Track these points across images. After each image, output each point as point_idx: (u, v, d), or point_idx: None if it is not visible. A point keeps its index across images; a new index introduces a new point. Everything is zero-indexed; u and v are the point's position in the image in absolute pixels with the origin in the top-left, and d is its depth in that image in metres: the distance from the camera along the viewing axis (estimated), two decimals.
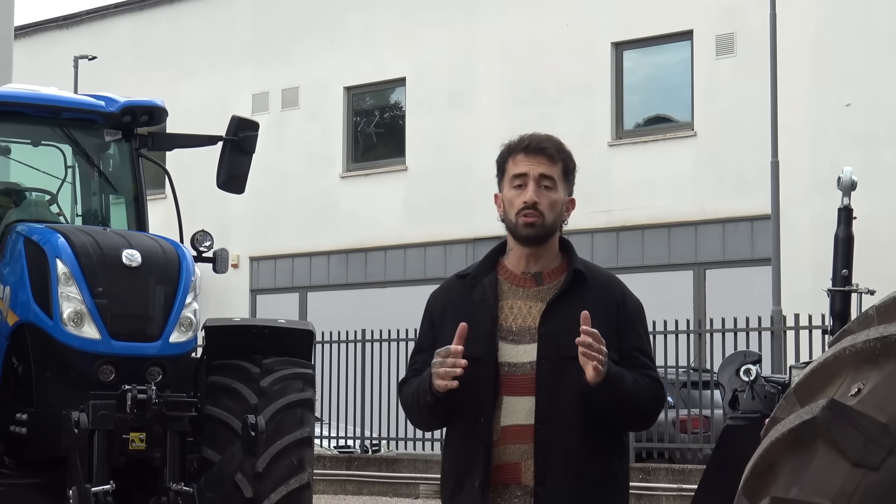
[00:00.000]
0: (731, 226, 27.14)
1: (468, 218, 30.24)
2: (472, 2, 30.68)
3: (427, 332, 4.60)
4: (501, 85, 30.18)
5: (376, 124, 33.24)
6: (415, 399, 4.42)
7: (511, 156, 4.64)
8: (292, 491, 9.10)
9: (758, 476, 4.42)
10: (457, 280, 4.64)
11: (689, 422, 20.39)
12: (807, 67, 25.80)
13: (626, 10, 28.58)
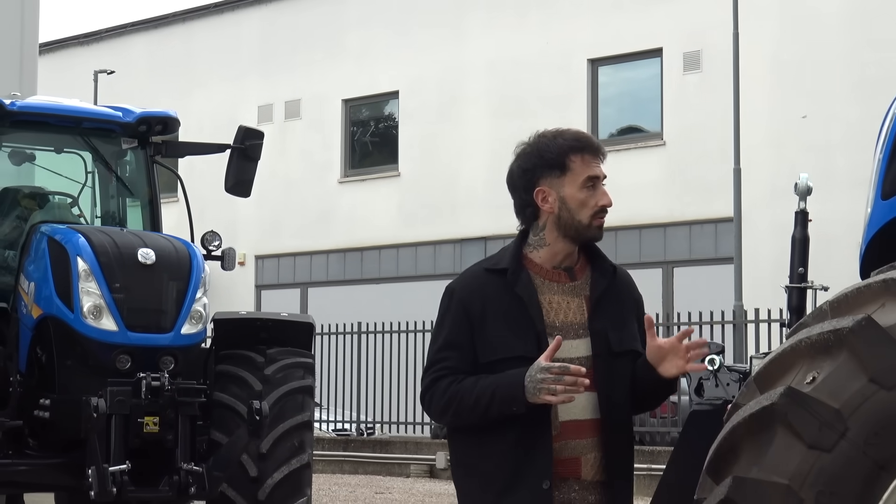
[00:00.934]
0: (697, 227, 27.17)
1: (455, 220, 30.35)
2: (460, 21, 30.68)
3: (462, 327, 4.06)
4: (487, 98, 30.18)
5: (371, 134, 33.23)
6: (477, 402, 3.89)
7: (578, 154, 4.09)
8: (294, 470, 9.09)
9: (721, 457, 4.41)
10: (488, 274, 4.14)
11: (659, 407, 20.40)
12: (767, 83, 25.83)
13: (601, 29, 28.60)
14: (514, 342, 3.93)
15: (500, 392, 3.84)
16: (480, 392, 3.88)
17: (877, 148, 5.26)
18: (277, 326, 9.82)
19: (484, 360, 3.96)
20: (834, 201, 20.05)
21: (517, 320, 3.97)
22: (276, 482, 8.96)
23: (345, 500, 16.50)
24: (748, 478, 4.23)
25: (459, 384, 3.94)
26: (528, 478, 3.88)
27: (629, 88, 28.87)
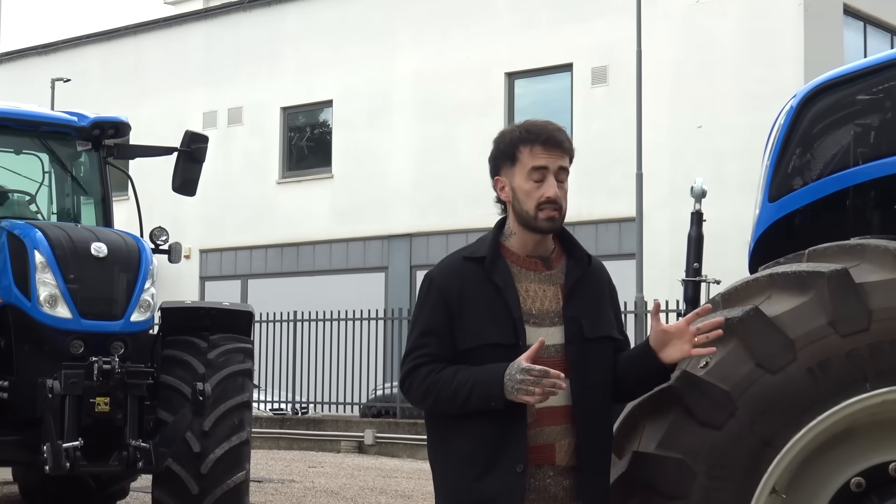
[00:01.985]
0: (603, 226, 27.30)
1: (383, 218, 30.33)
2: (389, 37, 30.64)
3: (441, 314, 3.78)
4: (413, 107, 30.16)
5: (307, 139, 33.10)
6: (455, 394, 3.67)
7: (526, 145, 3.83)
8: (234, 447, 9.06)
9: (623, 435, 4.43)
10: (466, 262, 3.85)
11: None
12: (666, 95, 26.01)
13: (517, 45, 28.67)
14: (491, 329, 3.73)
15: (479, 387, 3.64)
16: (459, 384, 3.67)
17: (764, 156, 5.31)
18: (219, 314, 9.78)
19: (462, 346, 3.75)
20: (726, 203, 20.21)
21: (494, 308, 3.76)
22: (217, 457, 8.92)
23: (280, 474, 16.43)
24: (647, 453, 4.26)
25: (439, 374, 3.71)
26: (503, 462, 3.69)
27: (542, 99, 28.93)
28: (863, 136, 4.99)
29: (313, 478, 16.07)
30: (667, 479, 4.20)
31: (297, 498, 13.67)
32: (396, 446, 20.86)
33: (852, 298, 4.09)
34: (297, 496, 13.83)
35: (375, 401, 22.68)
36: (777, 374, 3.98)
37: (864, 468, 4.35)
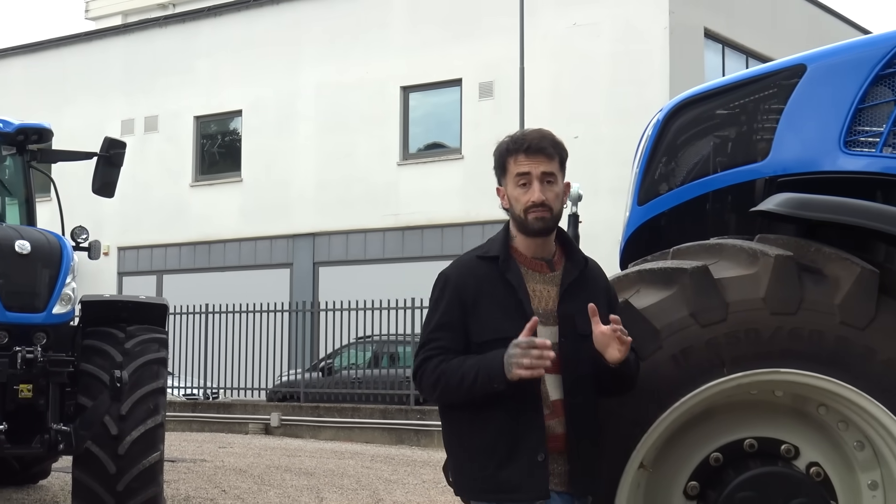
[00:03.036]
0: (489, 227, 27.38)
1: (288, 219, 30.17)
2: (294, 52, 30.49)
3: (456, 310, 3.67)
4: (316, 117, 30.05)
5: (218, 146, 32.81)
6: (462, 380, 3.56)
7: (511, 155, 3.85)
8: (149, 429, 8.96)
9: None
10: (479, 261, 3.78)
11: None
12: (546, 107, 26.18)
13: (411, 62, 28.70)
14: (504, 325, 3.61)
15: (483, 371, 3.54)
16: (465, 371, 3.58)
17: (634, 164, 5.37)
18: (136, 307, 9.66)
19: (477, 340, 3.65)
20: (599, 207, 20.41)
21: (507, 305, 3.67)
22: (133, 439, 8.81)
23: (193, 454, 16.28)
24: None
25: (447, 364, 3.62)
26: (523, 452, 3.59)
27: (434, 111, 28.98)
28: (721, 146, 5.07)
29: (223, 457, 15.95)
30: None
31: (208, 476, 13.56)
32: (300, 428, 20.79)
33: (711, 292, 4.16)
34: (208, 474, 13.71)
35: (281, 386, 22.58)
36: (645, 361, 4.03)
37: (722, 444, 4.43)
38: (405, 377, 20.67)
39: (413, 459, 16.40)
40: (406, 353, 21.27)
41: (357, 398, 21.11)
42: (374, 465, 15.50)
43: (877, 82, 4.73)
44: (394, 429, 19.71)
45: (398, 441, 19.45)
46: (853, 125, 4.72)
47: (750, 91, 5.05)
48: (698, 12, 26.66)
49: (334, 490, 12.57)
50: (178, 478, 13.10)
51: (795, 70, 4.90)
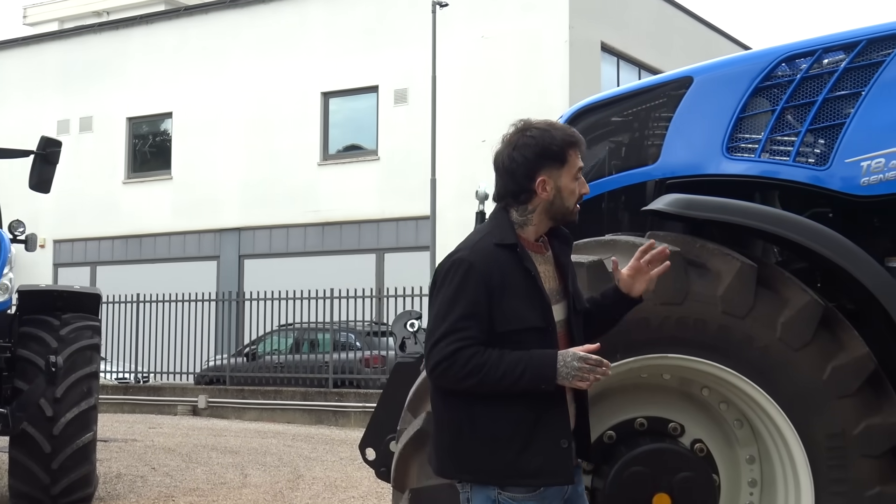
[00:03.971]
0: (402, 223, 27.43)
1: (216, 215, 29.90)
2: (223, 58, 30.19)
3: (483, 297, 3.35)
4: (242, 119, 29.77)
5: (150, 145, 32.36)
6: (504, 377, 3.28)
7: (574, 149, 3.50)
8: (82, 411, 8.86)
9: (419, 397, 4.46)
10: (497, 248, 3.43)
11: (371, 359, 20.55)
12: (456, 113, 26.24)
13: (331, 69, 28.57)
14: (527, 313, 3.38)
15: (532, 371, 3.28)
16: (509, 367, 3.29)
17: None
18: (71, 296, 9.55)
19: (501, 329, 3.35)
20: None
21: (528, 293, 3.41)
22: (67, 420, 8.72)
23: (124, 434, 16.09)
24: None
25: (483, 356, 3.30)
26: (544, 438, 3.37)
27: (352, 116, 28.88)
28: (615, 150, 5.12)
29: (153, 437, 15.80)
30: None
31: (139, 455, 13.42)
32: (226, 409, 20.66)
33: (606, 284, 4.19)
34: (138, 453, 13.57)
35: (208, 371, 22.40)
36: None
37: (615, 423, 4.48)
38: (324, 362, 20.71)
39: (331, 438, 16.37)
40: (325, 340, 21.27)
41: (279, 381, 21.06)
42: (295, 443, 15.45)
43: (756, 94, 4.80)
44: (313, 410, 19.68)
45: (317, 421, 19.41)
46: (735, 133, 4.79)
47: (642, 100, 5.10)
48: (596, 28, 26.89)
49: (258, 467, 12.50)
50: (110, 456, 12.94)
51: (683, 82, 4.96)
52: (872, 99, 4.59)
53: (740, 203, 4.47)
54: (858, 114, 4.60)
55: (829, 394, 4.18)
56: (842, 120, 4.63)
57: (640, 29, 28.65)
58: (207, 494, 10.34)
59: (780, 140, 4.74)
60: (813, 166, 4.66)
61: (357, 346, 20.97)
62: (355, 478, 11.49)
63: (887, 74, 4.59)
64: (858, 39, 4.68)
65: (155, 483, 11.03)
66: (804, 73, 4.73)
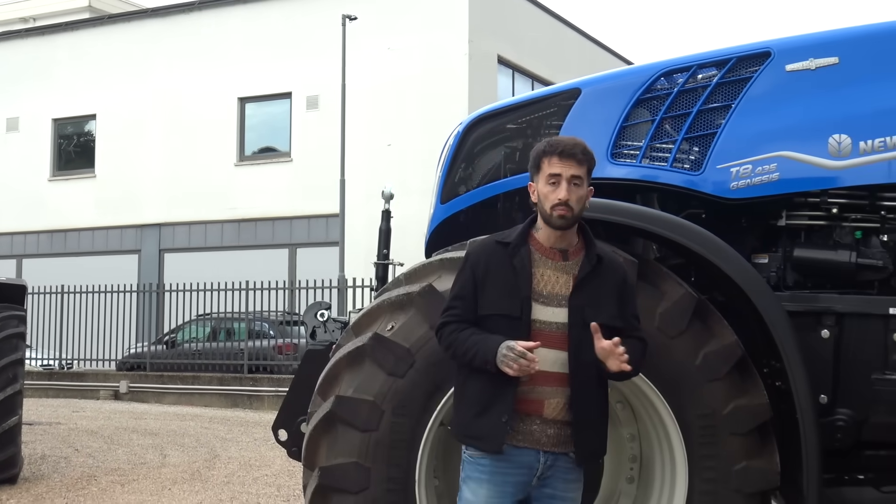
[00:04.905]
0: (314, 220, 27.30)
1: (137, 211, 29.46)
2: (144, 64, 29.69)
3: (469, 283, 3.68)
4: (163, 122, 29.32)
5: (75, 145, 31.69)
6: (466, 353, 3.61)
7: (546, 157, 3.67)
8: (8, 396, 8.67)
9: (328, 382, 4.45)
10: (497, 245, 3.72)
11: (284, 347, 20.45)
12: (365, 118, 26.16)
13: (247, 75, 28.32)
14: (502, 302, 3.62)
15: (481, 352, 3.57)
16: (469, 345, 3.60)
17: (437, 168, 5.41)
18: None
19: (481, 312, 3.65)
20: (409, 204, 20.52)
21: (509, 285, 3.63)
22: None
23: (49, 418, 15.76)
24: (347, 396, 4.28)
25: (459, 333, 3.65)
26: (493, 410, 3.61)
27: (267, 120, 28.65)
28: (510, 155, 5.15)
29: (76, 420, 15.52)
30: (362, 416, 4.24)
31: (63, 437, 13.16)
32: (146, 393, 20.38)
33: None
34: (62, 435, 13.31)
35: (129, 358, 22.09)
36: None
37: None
38: (239, 349, 20.62)
39: (246, 420, 16.25)
40: (240, 329, 21.14)
41: (197, 367, 20.91)
42: (212, 425, 15.29)
43: (637, 105, 4.87)
44: (229, 394, 19.52)
45: (233, 405, 19.24)
46: (618, 140, 4.85)
47: (535, 109, 5.14)
48: (493, 42, 27.04)
49: (176, 448, 12.35)
50: (35, 439, 12.68)
51: (572, 93, 5.01)
52: (741, 111, 4.69)
53: (623, 204, 4.53)
54: (728, 124, 4.69)
55: (701, 377, 4.25)
56: (714, 130, 4.72)
57: (534, 44, 28.88)
58: (128, 474, 10.17)
59: (658, 147, 4.81)
60: (688, 171, 4.73)
61: (270, 334, 20.87)
62: (268, 457, 11.41)
63: (754, 89, 4.69)
64: (729, 57, 4.77)
65: (78, 464, 10.83)
66: (681, 87, 4.81)
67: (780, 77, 4.67)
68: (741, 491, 4.25)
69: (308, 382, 4.80)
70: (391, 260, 6.05)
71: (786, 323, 4.29)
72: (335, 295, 20.56)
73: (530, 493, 3.70)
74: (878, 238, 4.69)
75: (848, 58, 4.63)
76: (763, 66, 4.69)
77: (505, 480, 3.65)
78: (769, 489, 4.33)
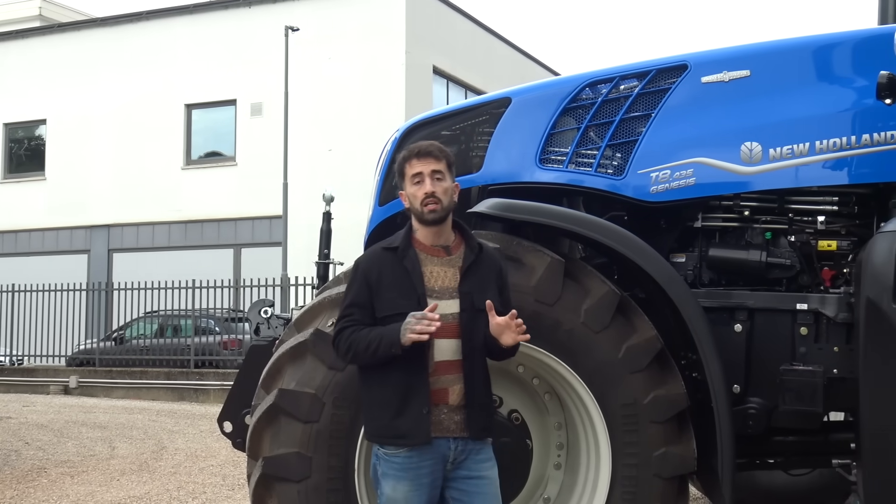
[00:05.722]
0: (258, 221, 27.11)
1: (87, 213, 29.02)
2: (94, 70, 29.26)
3: (363, 290, 3.67)
4: (112, 127, 28.92)
5: (25, 149, 31.11)
6: (368, 346, 3.58)
7: (407, 162, 3.74)
8: None
9: (271, 376, 4.41)
10: (384, 252, 3.72)
11: (229, 342, 20.29)
12: (307, 125, 26.04)
13: (194, 83, 28.05)
14: (400, 302, 3.60)
15: (385, 339, 3.54)
16: (371, 339, 3.57)
17: (376, 172, 5.40)
18: None
19: (379, 315, 3.63)
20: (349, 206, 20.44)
21: (404, 285, 3.64)
22: None
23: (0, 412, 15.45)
24: (289, 389, 4.26)
25: (358, 333, 3.62)
26: (412, 405, 3.59)
27: (213, 126, 28.40)
28: None
29: (27, 414, 15.25)
30: (303, 408, 4.22)
31: (13, 431, 12.91)
32: (95, 388, 20.09)
33: None
34: (13, 429, 13.06)
35: (79, 354, 21.75)
36: None
37: None
38: (186, 345, 20.42)
39: (192, 413, 16.08)
40: (187, 325, 20.94)
41: (145, 363, 20.67)
42: (160, 418, 15.11)
43: (564, 113, 4.90)
44: (176, 388, 19.32)
45: (180, 398, 19.03)
46: (546, 146, 4.87)
47: (468, 117, 5.15)
48: (429, 53, 27.05)
49: (125, 440, 12.18)
50: None
51: (503, 102, 5.03)
52: (660, 120, 4.74)
53: (551, 207, 4.56)
54: (649, 132, 4.74)
55: (624, 369, 4.29)
56: (635, 137, 4.77)
57: (468, 55, 28.96)
58: (77, 466, 10.01)
59: (584, 153, 4.84)
60: (611, 176, 4.77)
61: (216, 330, 20.69)
62: (214, 448, 11.30)
63: (672, 99, 4.75)
64: (649, 69, 4.82)
65: (28, 456, 10.63)
66: (604, 97, 4.84)
67: (697, 88, 4.73)
68: (660, 475, 4.30)
69: (252, 376, 4.76)
70: (332, 259, 6.03)
71: (702, 318, 4.34)
72: (278, 293, 20.43)
73: (446, 476, 3.68)
74: (787, 239, 4.78)
75: (759, 71, 4.70)
76: (681, 78, 4.75)
77: (420, 474, 3.63)
78: (686, 473, 4.38)
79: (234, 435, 5.13)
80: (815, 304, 4.57)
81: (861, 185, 4.63)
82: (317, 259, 6.03)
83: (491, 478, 3.73)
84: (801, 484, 6.25)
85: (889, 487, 3.96)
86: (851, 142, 4.57)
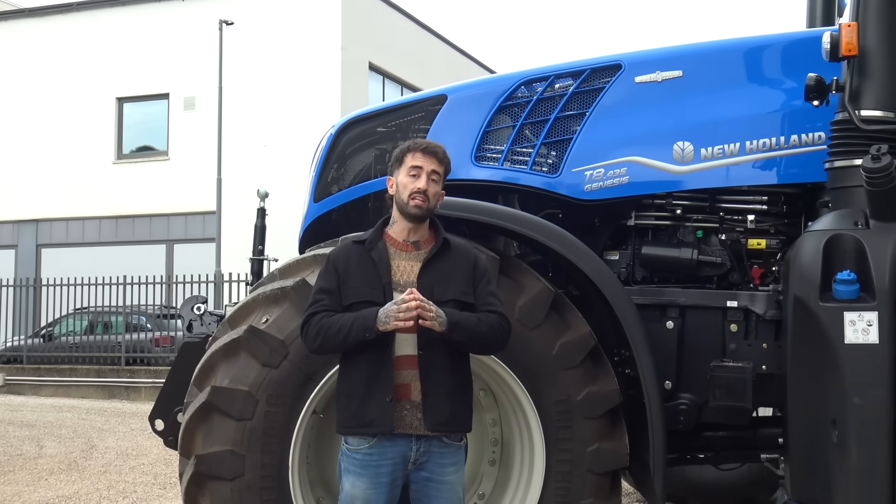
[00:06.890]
0: (192, 217, 26.83)
1: (14, 206, 28.56)
2: (23, 63, 28.74)
3: (332, 278, 3.70)
4: (41, 119, 28.36)
5: None
6: (340, 330, 3.58)
7: (410, 152, 3.75)
8: None
9: (204, 373, 4.37)
10: (354, 244, 3.79)
11: (161, 339, 20.06)
12: (241, 120, 25.78)
13: (126, 76, 27.66)
14: (365, 291, 3.66)
15: (357, 323, 3.56)
16: (342, 323, 3.59)
17: (311, 168, 5.37)
18: None
19: (346, 303, 3.65)
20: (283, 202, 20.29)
21: (370, 276, 3.68)
22: None
23: None
24: (222, 387, 4.22)
25: (328, 318, 3.62)
26: (376, 394, 3.60)
27: (145, 120, 28.02)
28: (380, 156, 5.15)
29: None
30: (237, 406, 4.19)
31: None
32: (23, 386, 19.71)
33: None
34: None
35: (5, 351, 21.30)
36: None
37: None
38: (117, 342, 20.14)
39: (123, 411, 15.87)
40: (118, 322, 20.64)
41: (75, 360, 20.31)
42: (90, 416, 14.88)
43: (499, 111, 4.92)
44: (106, 385, 19.04)
45: (110, 396, 18.76)
46: (482, 144, 4.89)
47: (403, 114, 5.15)
48: (364, 50, 26.98)
49: (53, 439, 11.97)
50: None
51: (439, 99, 5.03)
52: (594, 119, 4.78)
53: (486, 204, 4.58)
54: (583, 131, 4.78)
55: (558, 366, 4.32)
56: (570, 136, 4.80)
57: (404, 52, 28.93)
58: (4, 465, 9.81)
59: (519, 151, 4.87)
60: (546, 174, 4.81)
61: (148, 327, 20.44)
62: (145, 447, 11.15)
63: (606, 99, 4.80)
64: (584, 68, 4.86)
65: None
66: (539, 95, 4.88)
67: (630, 88, 4.78)
68: (594, 471, 4.34)
69: (184, 374, 4.72)
70: (266, 255, 5.99)
71: (634, 315, 4.39)
72: (212, 289, 20.23)
73: (408, 476, 3.68)
74: (718, 237, 4.85)
75: (691, 71, 4.77)
76: (615, 78, 4.80)
77: (380, 472, 3.64)
78: (619, 468, 4.43)
79: (166, 433, 5.07)
80: (745, 302, 4.65)
81: (790, 184, 4.72)
82: (251, 255, 5.98)
83: (451, 482, 3.71)
84: (730, 478, 6.36)
85: (815, 481, 4.04)
86: (780, 142, 4.66)
